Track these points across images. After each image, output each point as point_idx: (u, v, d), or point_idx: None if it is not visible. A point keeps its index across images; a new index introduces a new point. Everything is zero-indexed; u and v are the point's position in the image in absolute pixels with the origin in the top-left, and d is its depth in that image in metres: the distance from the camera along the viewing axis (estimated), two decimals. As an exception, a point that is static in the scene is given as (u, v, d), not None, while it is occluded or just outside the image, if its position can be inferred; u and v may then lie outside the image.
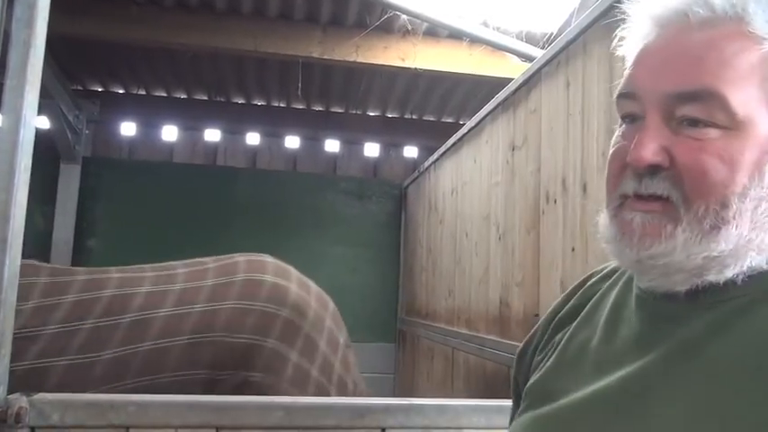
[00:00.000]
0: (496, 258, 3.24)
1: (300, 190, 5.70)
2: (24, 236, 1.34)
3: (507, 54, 4.33)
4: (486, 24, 4.02)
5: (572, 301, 0.89)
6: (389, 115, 6.01)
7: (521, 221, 2.95)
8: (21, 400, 1.28)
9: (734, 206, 0.65)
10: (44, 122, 5.21)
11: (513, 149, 3.10)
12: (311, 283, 2.33)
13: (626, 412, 0.68)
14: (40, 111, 4.84)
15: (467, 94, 5.43)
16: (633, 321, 0.75)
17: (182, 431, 1.34)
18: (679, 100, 0.68)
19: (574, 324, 0.85)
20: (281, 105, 5.87)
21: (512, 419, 0.94)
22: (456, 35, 4.25)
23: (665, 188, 0.68)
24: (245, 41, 4.26)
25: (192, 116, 5.75)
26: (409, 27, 4.22)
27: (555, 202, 2.60)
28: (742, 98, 0.65)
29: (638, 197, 0.71)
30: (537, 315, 2.68)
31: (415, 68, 4.50)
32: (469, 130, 3.82)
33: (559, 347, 0.84)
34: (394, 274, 5.75)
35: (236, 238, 5.48)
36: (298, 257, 5.56)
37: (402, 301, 5.66)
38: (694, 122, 0.67)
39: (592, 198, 2.29)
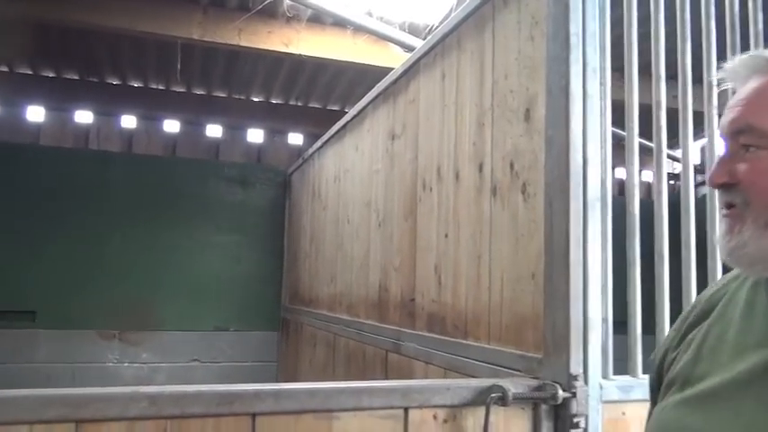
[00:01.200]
0: (376, 244, 3.30)
1: (181, 176, 5.50)
2: None
3: (391, 44, 4.41)
4: (370, 14, 4.07)
5: (700, 306, 1.04)
6: (274, 101, 5.94)
7: (399, 208, 3.02)
8: None
9: None
10: None
11: (393, 138, 3.17)
12: None
13: None
14: None
15: (351, 83, 5.46)
16: (766, 305, 0.91)
17: (38, 427, 1.28)
18: (738, 134, 0.91)
19: (708, 320, 1.00)
20: (160, 87, 5.64)
21: (650, 414, 1.09)
22: (340, 23, 4.26)
23: (734, 198, 0.90)
24: (120, 19, 4.06)
25: (62, 96, 5.40)
26: (289, 14, 4.18)
27: (431, 189, 2.69)
28: None
29: (723, 206, 0.93)
30: (413, 300, 2.77)
31: (300, 55, 4.47)
32: (352, 118, 3.86)
33: (695, 341, 0.99)
34: (278, 261, 5.70)
35: (110, 226, 5.23)
36: (179, 246, 5.43)
37: (286, 289, 5.63)
38: (747, 147, 0.90)
39: (464, 186, 2.39)
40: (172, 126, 5.73)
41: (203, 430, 1.40)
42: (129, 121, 5.61)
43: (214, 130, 5.86)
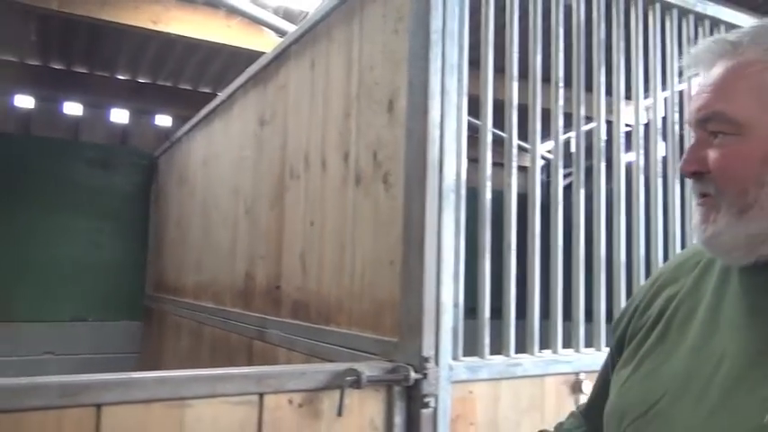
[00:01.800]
0: (243, 232, 3.26)
1: (36, 155, 5.12)
2: None
3: (265, 29, 4.34)
4: (243, -5, 3.98)
5: (665, 275, 1.04)
6: (141, 80, 5.65)
7: (267, 195, 3.00)
8: None
9: (752, 193, 0.85)
10: None
11: (263, 124, 3.13)
12: None
13: (758, 365, 0.82)
14: None
15: (224, 65, 5.32)
16: (738, 290, 0.91)
17: None
18: (706, 121, 0.90)
19: (680, 292, 0.99)
20: (12, 59, 5.20)
21: (610, 368, 1.07)
22: (212, 3, 4.14)
23: (707, 187, 0.89)
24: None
25: None
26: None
27: (298, 177, 2.69)
28: (740, 108, 0.87)
29: (697, 195, 0.92)
30: (278, 287, 2.77)
31: (169, 33, 4.29)
32: (222, 102, 3.76)
33: (668, 313, 0.98)
34: (142, 248, 5.46)
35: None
36: (35, 230, 5.06)
37: (150, 277, 5.41)
38: (715, 134, 0.89)
39: (330, 174, 2.42)
40: (25, 101, 5.30)
41: (43, 425, 1.33)
42: (-26, 95, 5.13)
43: (73, 108, 5.49)
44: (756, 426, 0.77)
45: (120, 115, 5.66)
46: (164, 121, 5.84)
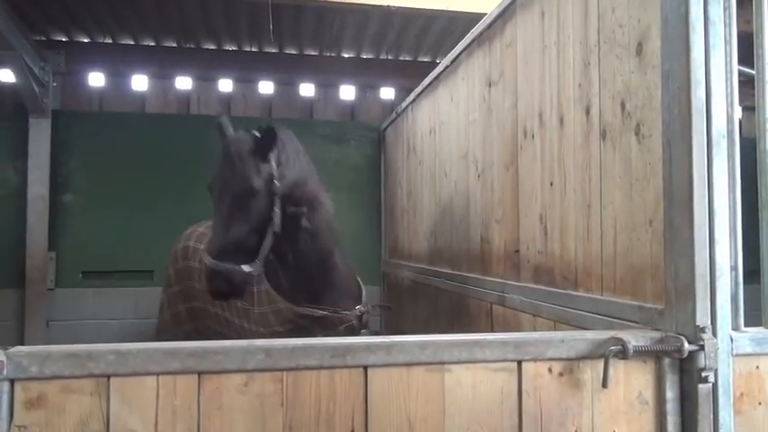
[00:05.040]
0: (476, 196, 3.23)
1: (277, 136, 5.62)
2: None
3: (483, -12, 4.23)
4: (459, -43, 3.91)
5: None
6: (364, 56, 5.88)
7: (499, 158, 2.93)
8: (-3, 355, 1.26)
9: None
10: (8, 75, 5.05)
11: (490, 85, 3.05)
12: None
13: None
14: (3, 63, 4.61)
15: (442, 32, 5.32)
16: None
17: (163, 378, 1.34)
18: None
19: None
20: (254, 50, 5.72)
21: None
22: (430, -31, 4.13)
23: None
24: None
25: (162, 64, 5.59)
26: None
27: (533, 137, 2.58)
28: None
29: None
30: (517, 251, 2.70)
31: (388, 6, 4.38)
32: (445, 68, 3.75)
33: None
34: (376, 217, 5.75)
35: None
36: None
37: (385, 244, 5.67)
38: None
39: (569, 131, 2.27)
40: (266, 87, 5.82)
41: (318, 381, 1.42)
42: (226, 85, 5.74)
43: (307, 89, 5.90)
44: None
45: (347, 92, 5.96)
46: (387, 93, 6.03)
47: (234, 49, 5.67)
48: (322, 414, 1.42)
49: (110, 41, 5.47)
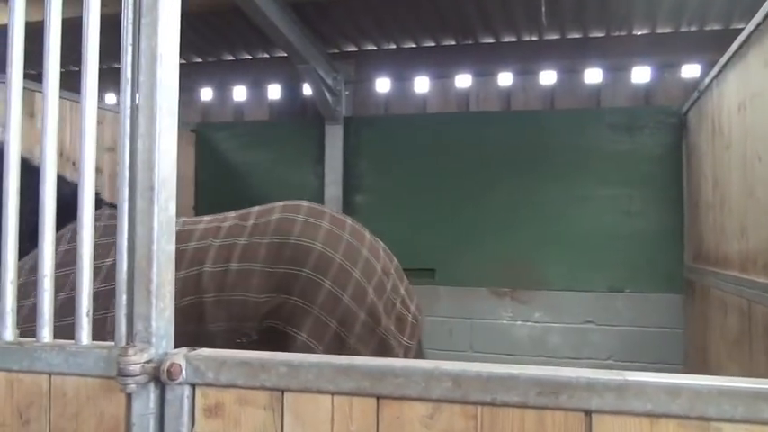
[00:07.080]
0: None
1: (558, 129, 5.22)
2: (300, 196, 1.25)
3: None
4: None
5: None
6: (660, 31, 5.12)
7: (833, 132, 2.17)
8: (177, 356, 1.21)
9: None
10: (306, 88, 5.55)
11: (820, 36, 2.30)
12: (347, 220, 2.49)
13: None
14: (301, 76, 5.01)
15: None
16: None
17: (338, 399, 1.16)
18: None
19: None
20: (533, 39, 5.39)
21: None
22: None
23: None
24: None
25: (442, 64, 5.61)
26: None
27: None
28: None
29: None
30: None
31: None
32: (756, 27, 2.98)
33: None
34: (676, 214, 4.96)
35: (491, 184, 5.29)
36: (556, 202, 5.17)
37: (688, 246, 4.86)
38: None
39: None
40: (548, 77, 5.43)
41: (523, 425, 1.09)
42: (505, 79, 5.52)
43: (593, 75, 5.35)
44: None
45: (640, 74, 5.25)
46: (690, 71, 5.16)
47: (512, 40, 5.42)
48: (531, 465, 1.09)
49: (393, 47, 5.66)
